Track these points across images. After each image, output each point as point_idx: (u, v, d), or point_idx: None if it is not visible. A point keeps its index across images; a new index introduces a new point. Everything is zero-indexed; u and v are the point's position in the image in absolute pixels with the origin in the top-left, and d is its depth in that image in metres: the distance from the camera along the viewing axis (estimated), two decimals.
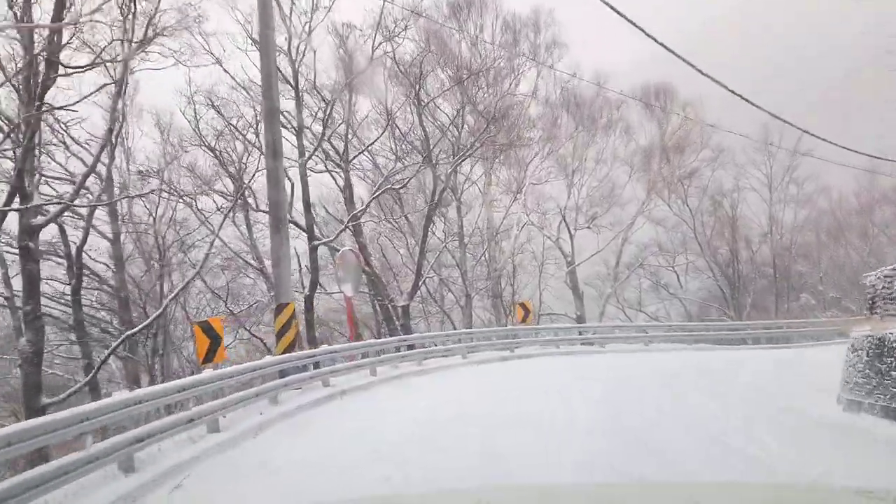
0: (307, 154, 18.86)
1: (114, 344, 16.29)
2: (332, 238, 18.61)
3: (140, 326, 16.53)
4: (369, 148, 24.00)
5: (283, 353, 11.95)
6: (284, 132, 19.86)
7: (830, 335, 28.18)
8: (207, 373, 8.66)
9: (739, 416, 8.95)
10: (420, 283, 22.21)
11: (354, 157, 22.73)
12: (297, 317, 12.70)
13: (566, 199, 31.67)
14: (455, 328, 26.66)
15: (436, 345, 17.84)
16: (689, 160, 32.94)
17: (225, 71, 18.94)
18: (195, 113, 20.08)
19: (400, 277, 24.96)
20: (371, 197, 21.01)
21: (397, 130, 24.00)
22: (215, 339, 9.82)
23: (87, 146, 19.10)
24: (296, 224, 20.72)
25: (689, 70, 14.16)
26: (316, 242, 18.58)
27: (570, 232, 31.88)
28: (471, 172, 28.64)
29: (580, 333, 24.38)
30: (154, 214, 21.01)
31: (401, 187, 21.39)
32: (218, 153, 19.86)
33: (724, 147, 34.05)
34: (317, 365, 12.76)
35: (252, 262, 24.81)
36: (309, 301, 18.98)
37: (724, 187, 36.72)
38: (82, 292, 20.58)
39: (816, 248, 40.13)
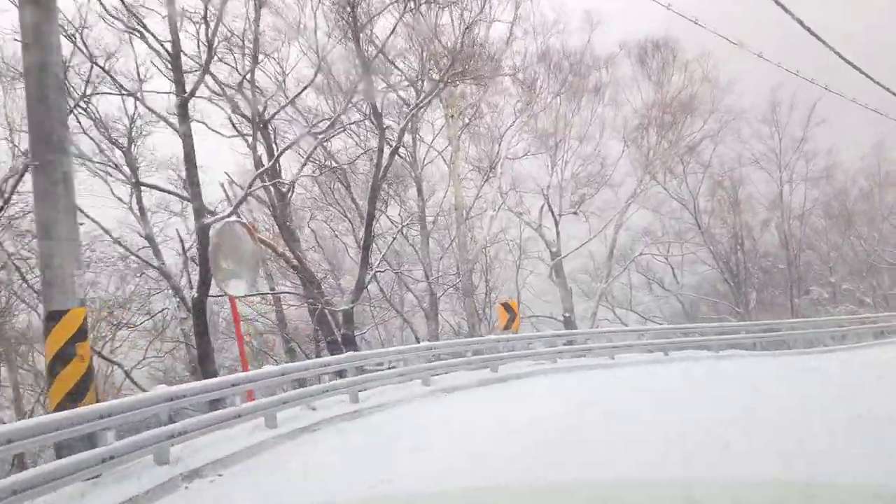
0: (188, 91, 12.84)
1: None
2: (227, 213, 12.51)
3: None
4: (299, 106, 18.09)
5: (60, 407, 6.01)
6: (156, 60, 13.93)
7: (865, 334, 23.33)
8: None
9: None
10: (367, 279, 16.30)
11: (275, 114, 16.75)
12: (89, 336, 6.47)
13: (549, 178, 26.30)
14: (417, 338, 20.92)
15: (383, 366, 12.11)
16: (697, 126, 27.62)
17: None
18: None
19: (342, 274, 19.04)
20: (287, 146, 14.84)
21: (340, 91, 18.22)
22: None
23: None
24: (175, 193, 14.75)
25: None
26: (206, 220, 12.55)
27: (554, 218, 26.50)
28: (433, 142, 23.07)
29: (569, 342, 18.66)
30: None
31: (325, 130, 15.24)
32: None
33: (739, 109, 28.93)
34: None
35: (152, 259, 18.85)
36: (199, 307, 12.90)
37: (726, 165, 31.78)
38: None
39: (826, 236, 35.74)
